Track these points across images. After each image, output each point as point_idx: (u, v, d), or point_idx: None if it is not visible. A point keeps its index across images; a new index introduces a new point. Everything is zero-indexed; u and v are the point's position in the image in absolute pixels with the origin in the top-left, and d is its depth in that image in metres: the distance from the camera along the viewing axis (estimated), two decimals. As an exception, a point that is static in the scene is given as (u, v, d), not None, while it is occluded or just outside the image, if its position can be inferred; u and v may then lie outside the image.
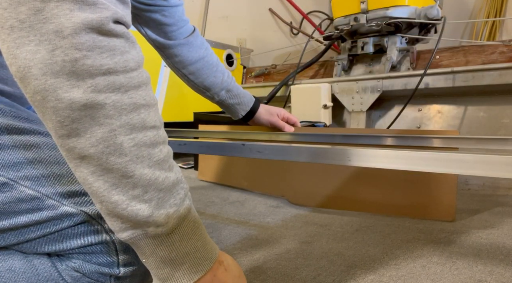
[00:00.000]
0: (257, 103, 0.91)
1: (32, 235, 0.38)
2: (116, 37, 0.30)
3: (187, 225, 0.34)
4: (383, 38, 1.39)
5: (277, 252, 0.62)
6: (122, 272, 0.39)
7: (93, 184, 0.30)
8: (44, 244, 0.38)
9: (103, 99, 0.29)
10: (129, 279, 0.40)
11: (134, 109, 0.31)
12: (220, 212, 0.87)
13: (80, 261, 0.39)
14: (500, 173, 0.39)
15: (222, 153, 0.63)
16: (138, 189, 0.31)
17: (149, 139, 0.32)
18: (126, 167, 0.30)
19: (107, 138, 0.29)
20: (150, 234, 0.32)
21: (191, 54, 0.79)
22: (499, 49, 1.21)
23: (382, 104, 1.40)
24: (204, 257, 0.35)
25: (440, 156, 0.42)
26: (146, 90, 0.32)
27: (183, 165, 1.51)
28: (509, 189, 1.03)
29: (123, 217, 0.31)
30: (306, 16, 2.03)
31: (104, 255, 0.39)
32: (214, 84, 0.83)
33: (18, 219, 0.37)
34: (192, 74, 0.82)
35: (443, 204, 0.76)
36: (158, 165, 0.32)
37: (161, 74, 1.62)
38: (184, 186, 0.35)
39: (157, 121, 0.33)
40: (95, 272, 0.39)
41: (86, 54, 0.28)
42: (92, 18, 0.28)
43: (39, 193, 0.37)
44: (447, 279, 0.50)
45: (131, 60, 0.31)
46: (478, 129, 1.20)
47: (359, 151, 0.47)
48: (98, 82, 0.29)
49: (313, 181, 0.93)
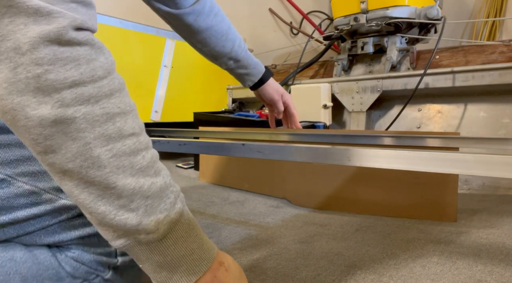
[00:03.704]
0: (266, 75, 0.90)
1: (32, 228, 0.39)
2: (79, 45, 0.29)
3: (181, 229, 0.34)
4: (383, 38, 1.39)
5: (277, 252, 0.62)
6: (120, 261, 0.41)
7: (79, 196, 0.30)
8: (43, 236, 0.40)
9: (73, 113, 0.28)
10: (128, 268, 0.42)
11: (108, 119, 0.30)
12: (220, 212, 0.87)
13: (79, 251, 0.40)
14: (500, 173, 0.39)
15: (222, 153, 0.62)
16: (124, 199, 0.30)
17: (128, 148, 0.31)
18: (108, 179, 0.30)
19: (82, 152, 0.29)
20: (143, 241, 0.32)
21: (198, 23, 0.76)
22: (499, 49, 1.21)
23: (382, 104, 1.40)
24: (201, 258, 0.35)
25: (440, 156, 0.42)
26: (120, 97, 0.31)
27: (183, 165, 1.51)
28: (509, 189, 1.03)
29: (113, 226, 0.31)
30: (306, 16, 2.03)
31: (102, 245, 0.41)
32: (222, 54, 0.81)
33: (17, 214, 0.38)
34: (199, 43, 0.80)
35: (444, 205, 0.76)
36: (142, 173, 0.31)
37: (161, 74, 1.62)
38: (174, 189, 0.34)
39: (136, 128, 0.32)
40: (93, 261, 0.40)
41: (48, 68, 0.27)
42: (49, 30, 0.27)
43: (36, 188, 0.39)
44: (447, 279, 0.50)
45: (99, 68, 0.30)
46: (478, 129, 1.20)
47: (359, 151, 0.47)
48: (65, 96, 0.28)
49: (313, 181, 0.93)
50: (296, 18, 2.13)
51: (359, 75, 1.45)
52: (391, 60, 1.36)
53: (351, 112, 1.39)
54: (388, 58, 1.36)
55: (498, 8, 1.55)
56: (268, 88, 0.91)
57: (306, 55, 1.64)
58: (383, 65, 1.39)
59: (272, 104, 0.95)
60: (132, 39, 1.50)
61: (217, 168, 1.20)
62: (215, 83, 1.80)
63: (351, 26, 1.38)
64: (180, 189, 0.36)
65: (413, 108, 1.33)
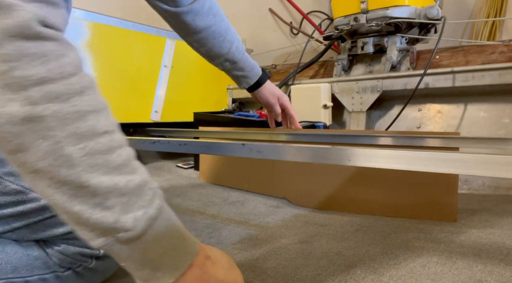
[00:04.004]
0: (263, 78, 0.89)
1: (17, 224, 0.42)
2: (47, 40, 0.28)
3: (161, 225, 0.33)
4: (383, 38, 1.39)
5: (277, 252, 0.62)
6: (103, 252, 0.44)
7: (52, 196, 0.29)
8: (29, 233, 0.43)
9: (42, 110, 0.27)
10: (109, 258, 0.42)
11: (80, 117, 0.29)
12: (220, 212, 0.87)
13: (64, 245, 0.44)
14: (500, 173, 0.39)
15: (222, 153, 0.62)
16: (99, 197, 0.30)
17: (103, 146, 0.30)
18: (80, 177, 0.29)
19: (53, 151, 0.28)
20: (122, 240, 0.31)
21: (196, 22, 0.75)
22: (499, 49, 1.21)
23: (382, 104, 1.40)
24: (184, 253, 0.35)
25: (440, 156, 0.42)
26: (91, 94, 0.30)
27: (183, 165, 1.51)
28: (509, 189, 1.03)
29: (90, 226, 0.30)
30: (306, 16, 2.03)
31: None
32: (219, 54, 0.81)
33: (3, 211, 0.41)
34: (197, 42, 0.79)
35: (444, 205, 0.76)
36: (117, 171, 0.31)
37: (161, 74, 1.62)
38: (152, 186, 0.34)
39: (110, 125, 0.31)
40: (78, 254, 0.44)
41: (13, 65, 0.26)
42: (10, 24, 0.26)
43: (22, 187, 0.41)
44: (447, 279, 0.50)
45: (68, 65, 0.29)
46: (478, 129, 1.20)
47: (359, 151, 0.47)
48: (32, 94, 0.27)
49: (313, 181, 0.93)
50: (296, 18, 2.13)
51: (359, 75, 1.45)
52: (391, 60, 1.36)
53: (351, 112, 1.39)
54: (388, 58, 1.36)
55: (498, 8, 1.55)
56: (264, 91, 0.90)
57: (306, 55, 1.64)
58: (383, 65, 1.39)
59: (268, 107, 0.95)
60: (132, 39, 1.50)
61: (217, 168, 1.20)
62: (215, 83, 1.80)
63: (351, 26, 1.38)
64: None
65: (413, 108, 1.33)
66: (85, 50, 1.35)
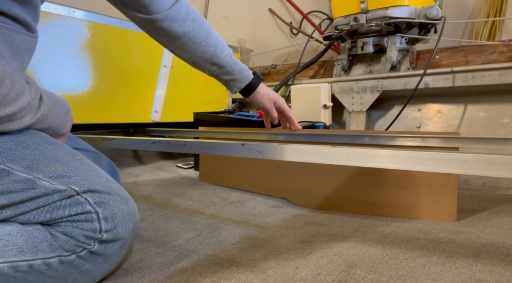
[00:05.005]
0: (255, 82, 0.88)
1: (27, 208, 0.45)
2: None
3: None
4: (383, 38, 1.39)
5: (277, 252, 0.62)
6: (105, 236, 0.46)
7: None
8: (37, 216, 0.46)
9: None
10: (110, 242, 0.47)
11: None
12: (220, 212, 0.87)
13: (68, 227, 0.46)
14: (500, 173, 0.39)
15: (222, 153, 0.63)
16: None
17: None
18: None
19: None
20: None
21: (174, 29, 0.74)
22: (499, 49, 1.21)
23: (382, 104, 1.40)
24: None
25: (440, 156, 0.42)
26: None
27: (183, 165, 1.51)
28: (509, 189, 1.03)
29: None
30: (306, 16, 2.03)
31: (88, 222, 0.46)
32: (203, 60, 0.80)
33: (14, 197, 0.44)
34: (179, 49, 0.79)
35: (444, 205, 0.76)
36: None
37: (161, 74, 1.62)
38: None
39: None
40: (81, 235, 0.46)
41: None
42: None
43: (32, 176, 0.45)
44: (447, 279, 0.50)
45: None
46: (478, 129, 1.20)
47: (359, 151, 0.47)
48: None
49: (313, 181, 0.93)
50: (296, 18, 2.13)
51: (359, 75, 1.45)
52: (391, 60, 1.36)
53: (351, 112, 1.39)
54: (388, 58, 1.36)
55: (498, 8, 1.55)
56: (259, 96, 0.90)
57: (306, 55, 1.64)
58: (383, 65, 1.39)
59: (265, 112, 0.94)
60: (132, 39, 1.50)
61: (217, 168, 1.20)
62: (215, 83, 1.78)
63: (351, 26, 1.38)
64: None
65: (413, 108, 1.33)
66: (85, 50, 1.35)
